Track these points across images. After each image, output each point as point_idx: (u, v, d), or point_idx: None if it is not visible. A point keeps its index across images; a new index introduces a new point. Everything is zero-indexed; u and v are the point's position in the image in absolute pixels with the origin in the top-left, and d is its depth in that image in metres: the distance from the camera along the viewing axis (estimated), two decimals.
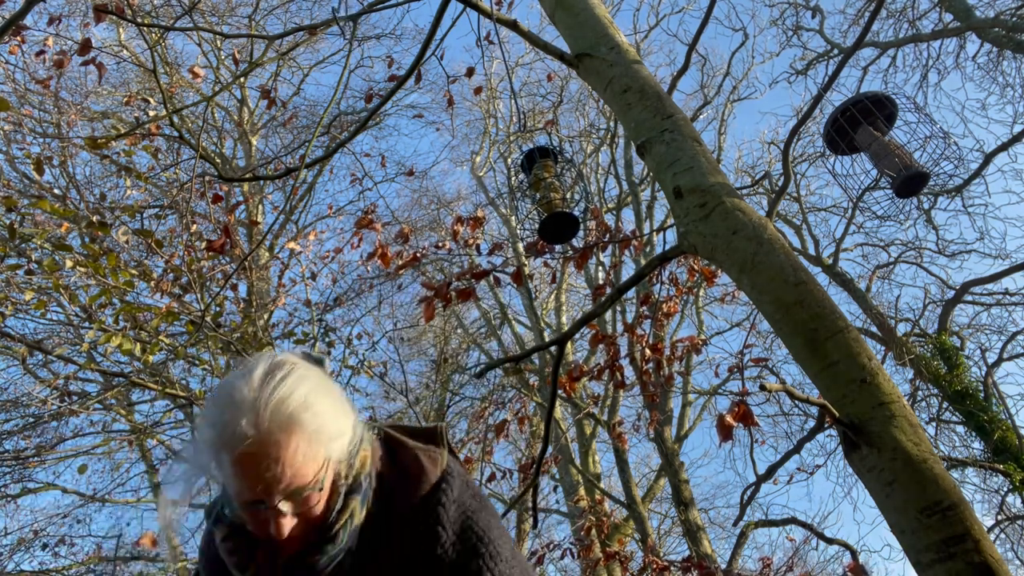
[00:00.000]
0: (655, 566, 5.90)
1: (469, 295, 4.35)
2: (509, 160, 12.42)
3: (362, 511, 1.17)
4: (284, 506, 1.04)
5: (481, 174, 13.58)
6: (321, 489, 1.08)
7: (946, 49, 8.60)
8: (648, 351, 5.09)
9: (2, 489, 7.62)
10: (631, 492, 9.59)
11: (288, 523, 1.06)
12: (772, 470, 2.05)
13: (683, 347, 5.72)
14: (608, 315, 10.74)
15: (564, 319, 12.78)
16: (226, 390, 1.07)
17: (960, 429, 8.06)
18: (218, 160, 9.77)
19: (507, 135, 12.98)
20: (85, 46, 4.30)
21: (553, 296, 12.80)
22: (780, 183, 2.43)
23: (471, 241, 5.72)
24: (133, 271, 5.65)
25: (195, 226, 6.59)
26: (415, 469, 1.23)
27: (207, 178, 5.85)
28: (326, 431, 1.07)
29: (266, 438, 1.01)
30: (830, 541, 6.23)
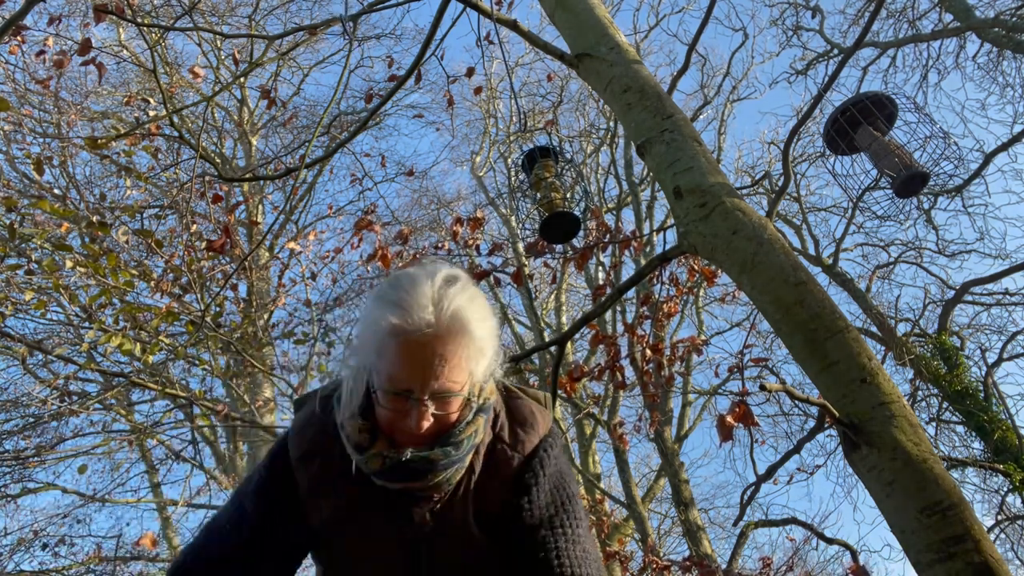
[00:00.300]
0: (655, 566, 5.90)
1: None
2: (509, 160, 12.42)
3: (483, 432, 1.23)
4: (429, 402, 1.09)
5: (481, 174, 13.58)
6: (462, 398, 1.13)
7: (946, 49, 8.60)
8: (648, 351, 5.09)
9: (2, 489, 7.62)
10: (631, 492, 9.59)
11: (427, 420, 1.10)
12: (772, 470, 2.05)
13: (684, 347, 5.71)
14: (608, 315, 10.73)
15: (564, 319, 12.78)
16: (408, 281, 1.11)
17: (960, 429, 8.06)
18: (218, 160, 9.77)
19: (507, 135, 12.98)
20: (85, 46, 4.30)
21: (553, 296, 12.80)
22: (780, 183, 2.44)
23: (471, 242, 5.72)
24: (133, 271, 5.65)
25: (195, 226, 6.59)
26: (529, 418, 1.30)
27: (207, 178, 5.84)
28: (484, 348, 1.12)
29: (441, 334, 1.06)
30: (830, 541, 6.23)
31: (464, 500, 1.24)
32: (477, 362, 1.13)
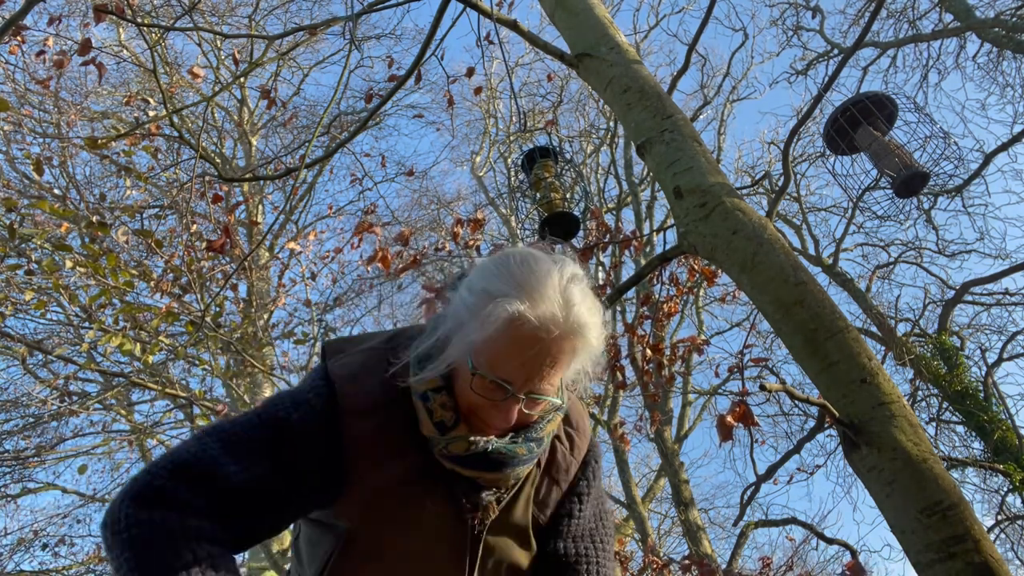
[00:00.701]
0: (655, 565, 5.90)
1: None
2: (509, 160, 12.41)
3: (557, 430, 1.19)
4: (523, 399, 1.03)
5: (481, 174, 13.58)
6: (555, 402, 1.08)
7: (946, 49, 8.60)
8: (649, 351, 5.09)
9: (2, 489, 7.62)
10: (631, 492, 9.59)
11: (515, 416, 1.04)
12: (772, 470, 2.05)
13: (684, 347, 5.71)
14: (608, 315, 10.71)
15: None
16: (536, 264, 1.03)
17: (960, 429, 8.06)
18: (218, 160, 9.77)
19: (507, 135, 12.97)
20: (85, 46, 4.30)
21: None
22: (780, 183, 2.44)
23: (471, 243, 5.71)
24: (133, 271, 5.65)
25: (195, 226, 6.59)
26: (580, 421, 1.26)
27: (207, 178, 5.84)
28: (589, 358, 1.07)
29: (561, 337, 0.99)
30: (830, 541, 6.22)
31: (528, 500, 1.19)
32: (575, 365, 1.07)
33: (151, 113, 6.13)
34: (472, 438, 1.05)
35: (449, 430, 1.05)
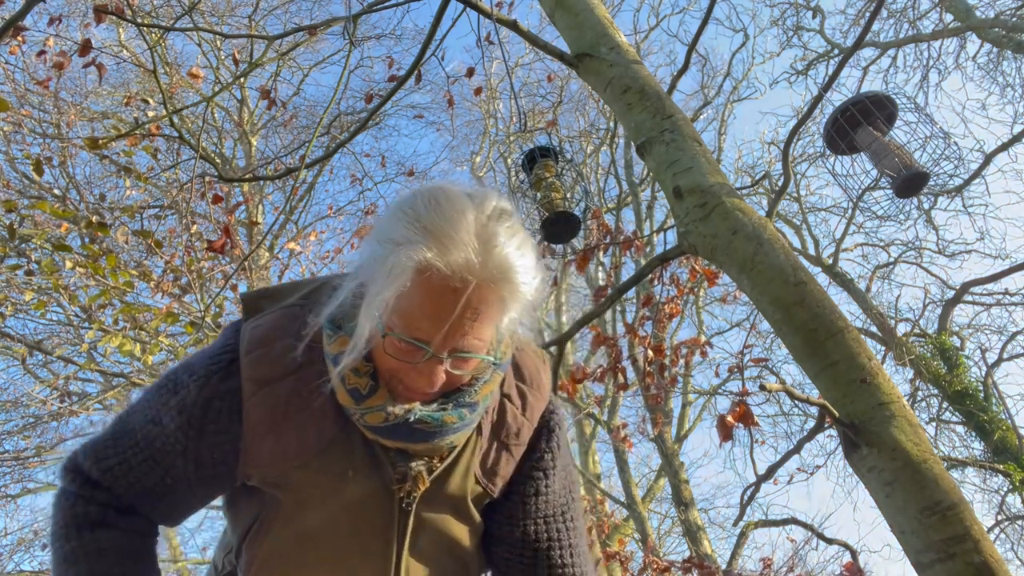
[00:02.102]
0: (655, 566, 5.90)
1: None
2: (509, 160, 12.42)
3: (497, 392, 1.06)
4: (447, 359, 0.89)
5: (481, 174, 13.58)
6: (484, 359, 0.95)
7: (946, 49, 8.60)
8: (651, 352, 5.08)
9: (2, 489, 7.62)
10: (631, 492, 9.60)
11: (440, 378, 0.91)
12: (772, 470, 2.05)
13: (687, 350, 5.71)
14: (608, 315, 10.73)
15: (564, 319, 12.78)
16: (449, 205, 0.88)
17: (960, 429, 8.06)
18: (218, 160, 9.77)
19: (507, 135, 12.97)
20: (85, 46, 4.30)
21: (553, 296, 12.79)
22: (780, 183, 2.43)
23: None
24: (133, 271, 5.65)
25: (195, 226, 6.59)
26: (535, 376, 1.12)
27: (207, 178, 5.84)
28: (520, 304, 0.92)
29: (481, 284, 0.85)
30: (830, 541, 6.22)
31: (467, 469, 1.05)
32: (508, 317, 0.93)
33: (151, 113, 6.13)
34: (390, 408, 0.92)
35: (365, 398, 0.93)
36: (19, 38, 4.92)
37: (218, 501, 1.12)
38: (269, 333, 0.99)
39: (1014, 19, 7.26)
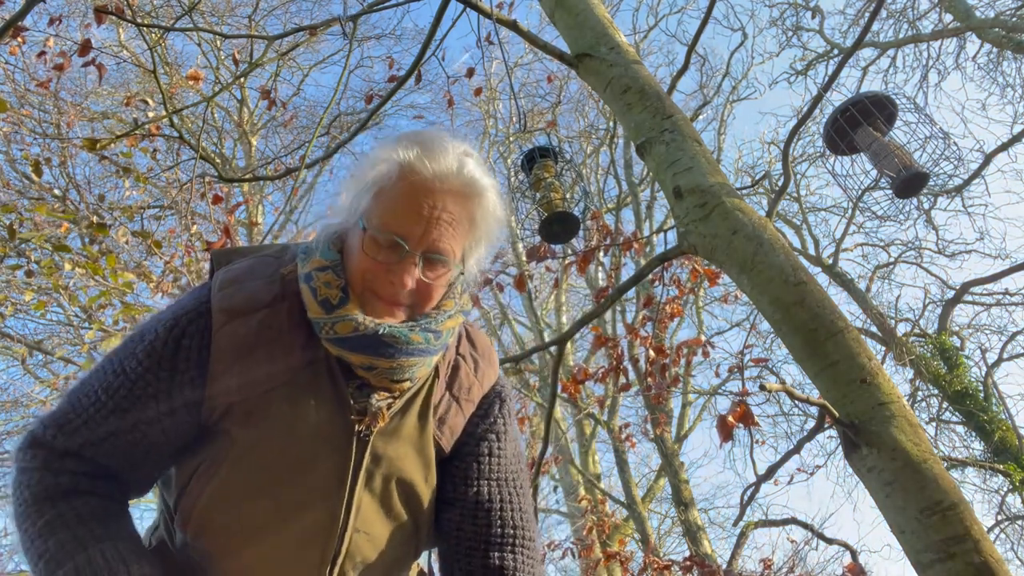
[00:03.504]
0: (655, 566, 5.90)
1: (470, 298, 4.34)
2: (509, 160, 12.42)
3: (454, 347, 1.13)
4: (419, 260, 0.97)
5: None
6: (450, 272, 1.01)
7: (946, 49, 8.60)
8: (653, 353, 5.08)
9: (2, 489, 7.61)
10: (631, 492, 9.60)
11: (412, 278, 0.97)
12: (772, 470, 2.05)
13: (689, 350, 5.70)
14: (608, 315, 10.74)
15: (564, 319, 12.79)
16: (432, 133, 1.01)
17: (960, 429, 8.06)
18: (218, 160, 9.77)
19: (507, 135, 12.98)
20: (85, 47, 4.30)
21: (553, 296, 12.80)
22: (780, 183, 2.44)
23: None
24: (133, 272, 5.65)
25: (195, 227, 6.59)
26: (488, 351, 1.20)
27: (207, 178, 5.84)
28: (487, 230, 1.02)
29: (455, 189, 0.96)
30: (830, 541, 6.23)
31: (424, 409, 1.07)
32: (477, 241, 1.03)
33: (151, 114, 6.13)
34: (360, 316, 0.96)
35: (336, 308, 0.97)
36: (19, 38, 4.92)
37: None
38: (241, 274, 1.03)
39: (1014, 19, 7.26)
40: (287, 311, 1.00)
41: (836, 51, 9.33)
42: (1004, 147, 7.52)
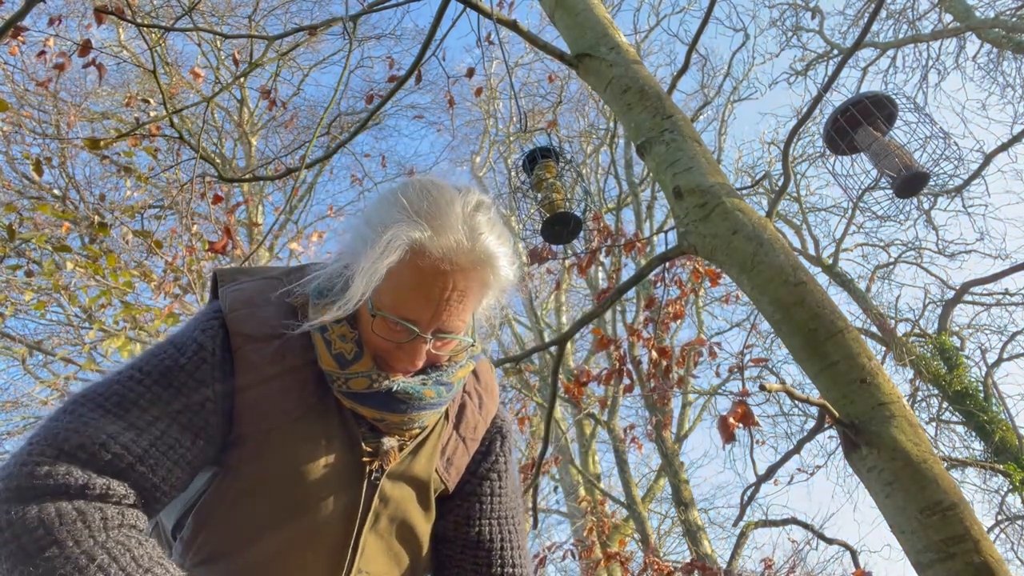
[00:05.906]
0: (655, 567, 5.90)
1: None
2: (509, 161, 12.42)
3: (466, 379, 1.12)
4: (431, 338, 0.95)
5: (481, 174, 13.59)
6: (463, 340, 1.01)
7: (946, 49, 8.61)
8: (655, 354, 5.07)
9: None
10: (631, 492, 9.60)
11: (423, 356, 0.96)
12: (772, 470, 2.05)
13: (693, 352, 5.70)
14: (608, 316, 10.74)
15: (564, 319, 12.79)
16: (438, 193, 0.94)
17: (960, 429, 8.06)
18: (218, 160, 9.77)
19: (507, 135, 12.98)
20: (85, 47, 4.30)
21: (553, 296, 12.80)
22: (780, 183, 2.44)
23: None
24: (133, 272, 5.65)
25: (195, 227, 6.59)
26: (490, 382, 1.19)
27: (207, 178, 5.84)
28: (498, 291, 1.00)
29: (467, 267, 0.92)
30: (830, 541, 6.23)
31: (432, 452, 1.08)
32: (486, 303, 1.01)
33: (151, 114, 6.13)
34: (375, 374, 0.95)
35: (350, 363, 0.96)
36: (19, 38, 4.92)
37: None
38: (252, 296, 1.01)
39: (1014, 19, 7.26)
40: (300, 346, 0.98)
41: (836, 51, 9.33)
42: (1004, 147, 7.52)
